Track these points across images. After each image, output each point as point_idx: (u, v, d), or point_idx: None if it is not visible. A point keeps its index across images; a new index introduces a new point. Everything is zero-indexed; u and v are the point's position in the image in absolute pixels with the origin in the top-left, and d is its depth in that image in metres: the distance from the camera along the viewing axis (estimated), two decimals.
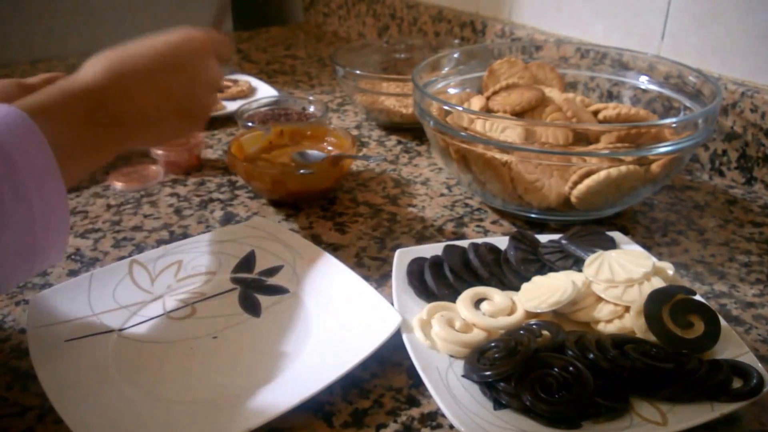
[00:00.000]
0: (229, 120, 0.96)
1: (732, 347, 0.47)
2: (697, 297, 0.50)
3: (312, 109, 0.91)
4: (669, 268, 0.54)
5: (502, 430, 0.41)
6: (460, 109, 0.68)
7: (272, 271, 0.59)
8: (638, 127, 0.63)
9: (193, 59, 0.53)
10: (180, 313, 0.55)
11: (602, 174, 0.62)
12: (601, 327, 0.50)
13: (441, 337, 0.49)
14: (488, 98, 0.76)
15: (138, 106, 0.49)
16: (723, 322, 0.48)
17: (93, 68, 0.48)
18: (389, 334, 0.48)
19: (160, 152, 0.79)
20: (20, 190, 0.39)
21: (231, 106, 0.99)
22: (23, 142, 0.40)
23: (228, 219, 0.71)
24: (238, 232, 0.63)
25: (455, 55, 0.84)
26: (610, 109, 0.72)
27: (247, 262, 0.60)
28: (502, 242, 0.60)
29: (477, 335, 0.49)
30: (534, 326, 0.49)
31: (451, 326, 0.50)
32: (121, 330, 0.52)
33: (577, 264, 0.56)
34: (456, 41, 1.08)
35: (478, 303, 0.52)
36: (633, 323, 0.49)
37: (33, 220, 0.40)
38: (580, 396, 0.42)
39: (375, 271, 0.62)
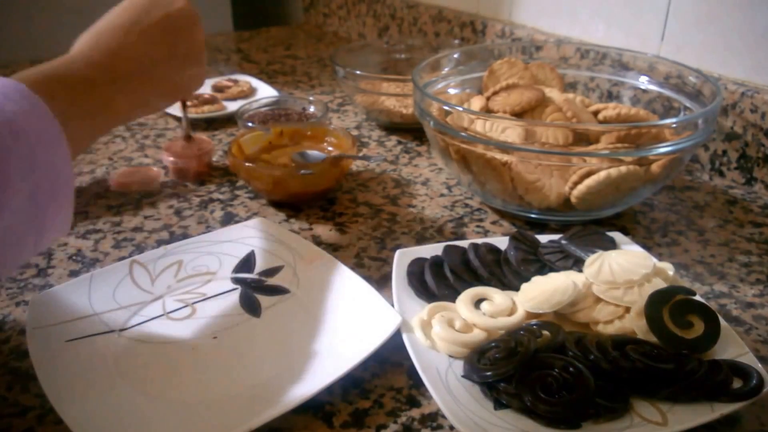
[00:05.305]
0: (230, 120, 0.96)
1: (732, 347, 0.47)
2: (697, 297, 0.50)
3: (312, 109, 0.91)
4: (669, 269, 0.54)
5: (502, 430, 0.41)
6: (460, 109, 0.68)
7: (272, 272, 0.59)
8: (638, 127, 0.63)
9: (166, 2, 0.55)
10: (180, 313, 0.55)
11: (602, 174, 0.62)
12: (602, 328, 0.50)
13: (441, 337, 0.49)
14: (488, 98, 0.76)
15: (127, 56, 0.51)
16: (723, 322, 0.48)
17: (78, 42, 0.51)
18: (389, 334, 0.48)
19: (170, 159, 0.79)
20: (26, 159, 0.39)
21: (231, 107, 0.99)
22: (27, 112, 0.40)
23: (228, 219, 0.71)
24: (238, 232, 0.63)
25: (455, 56, 0.84)
26: (610, 110, 0.72)
27: (248, 263, 0.60)
28: (502, 242, 0.60)
29: (477, 335, 0.49)
30: (534, 326, 0.49)
31: (451, 326, 0.50)
32: (121, 330, 0.52)
33: (577, 264, 0.56)
34: (456, 41, 1.08)
35: (478, 303, 0.52)
36: (633, 324, 0.49)
37: (39, 189, 0.41)
38: (580, 396, 0.42)
39: (375, 271, 0.62)
